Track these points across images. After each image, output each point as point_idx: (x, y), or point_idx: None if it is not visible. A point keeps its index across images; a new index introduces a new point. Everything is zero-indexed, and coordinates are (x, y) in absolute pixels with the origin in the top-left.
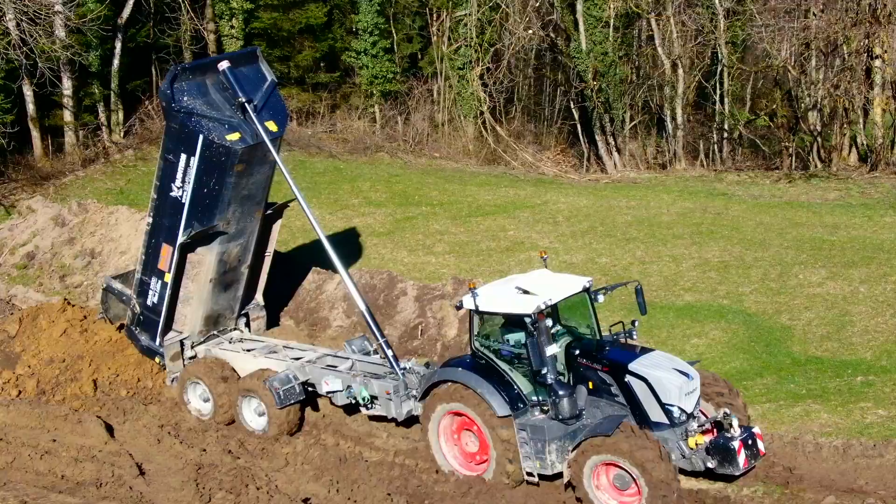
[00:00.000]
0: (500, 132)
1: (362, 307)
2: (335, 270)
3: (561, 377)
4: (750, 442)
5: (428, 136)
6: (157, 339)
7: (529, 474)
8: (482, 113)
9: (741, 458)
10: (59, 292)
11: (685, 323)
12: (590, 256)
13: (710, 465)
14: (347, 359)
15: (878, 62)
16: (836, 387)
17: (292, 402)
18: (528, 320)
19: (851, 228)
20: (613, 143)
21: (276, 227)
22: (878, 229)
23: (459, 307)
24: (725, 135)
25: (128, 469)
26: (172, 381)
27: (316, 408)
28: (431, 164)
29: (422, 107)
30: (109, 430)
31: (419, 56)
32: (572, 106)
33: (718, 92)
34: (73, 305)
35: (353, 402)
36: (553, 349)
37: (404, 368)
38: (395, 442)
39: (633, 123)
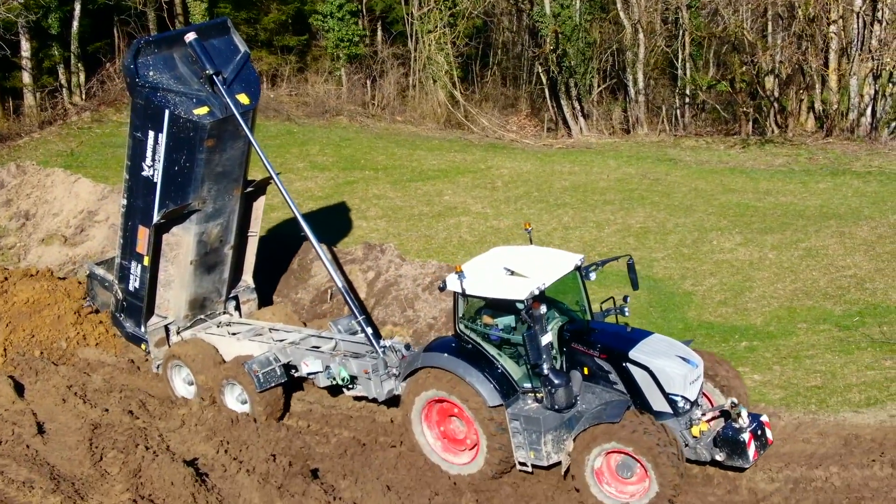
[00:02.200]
0: (458, 96)
1: (339, 285)
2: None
3: (555, 360)
4: (759, 432)
5: (394, 100)
6: (142, 325)
7: (522, 464)
8: (445, 76)
9: (751, 450)
10: None
11: (591, 288)
12: (517, 222)
13: (718, 457)
14: (332, 339)
15: (833, 28)
16: (720, 352)
17: (273, 384)
18: (520, 306)
19: (781, 195)
20: (579, 107)
21: (259, 204)
22: (807, 195)
23: (443, 288)
24: (687, 100)
25: (28, 428)
26: (157, 367)
27: (299, 388)
28: (389, 129)
29: (392, 70)
30: (19, 389)
31: (389, 19)
32: (539, 70)
33: (680, 57)
34: None
35: (334, 383)
36: (548, 338)
37: (384, 346)
38: (291, 404)
39: (599, 88)
